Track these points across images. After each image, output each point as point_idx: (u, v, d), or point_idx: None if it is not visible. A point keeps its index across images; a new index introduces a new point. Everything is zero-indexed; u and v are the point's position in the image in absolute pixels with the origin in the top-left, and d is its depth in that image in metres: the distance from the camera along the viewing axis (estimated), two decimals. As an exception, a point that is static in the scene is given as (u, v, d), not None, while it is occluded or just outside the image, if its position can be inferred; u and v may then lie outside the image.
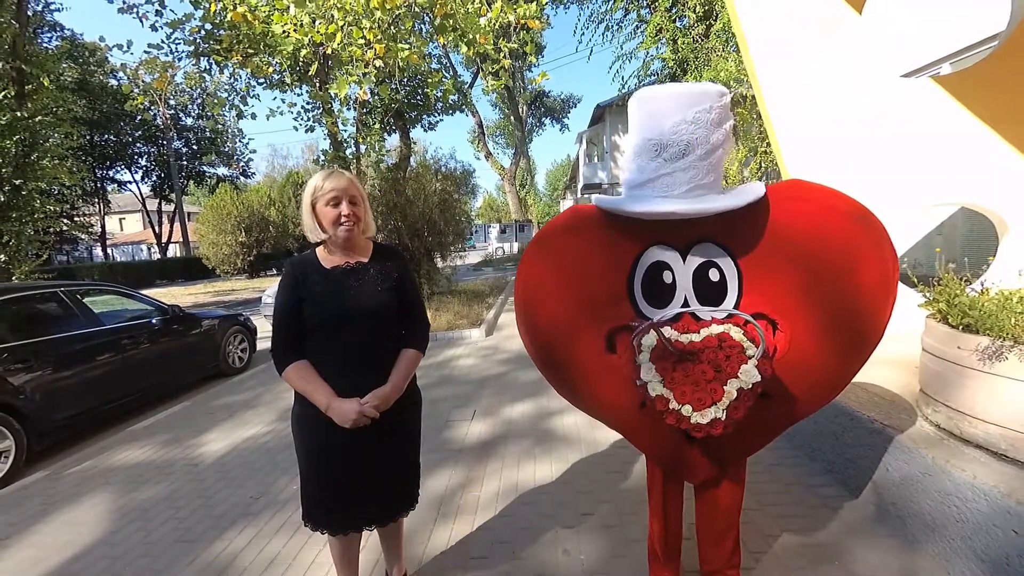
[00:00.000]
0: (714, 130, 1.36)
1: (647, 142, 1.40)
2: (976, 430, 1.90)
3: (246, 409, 4.34)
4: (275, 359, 1.53)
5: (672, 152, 1.37)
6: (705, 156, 1.37)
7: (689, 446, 1.49)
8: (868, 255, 1.35)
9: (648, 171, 1.42)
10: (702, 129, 1.34)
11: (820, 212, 1.40)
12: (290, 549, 2.24)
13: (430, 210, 8.56)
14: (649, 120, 1.40)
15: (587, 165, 24.13)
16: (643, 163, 1.42)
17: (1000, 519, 1.62)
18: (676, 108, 1.35)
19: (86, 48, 22.35)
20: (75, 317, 4.12)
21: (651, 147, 1.39)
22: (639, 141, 1.43)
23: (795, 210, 1.41)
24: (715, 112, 1.35)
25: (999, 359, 1.77)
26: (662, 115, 1.37)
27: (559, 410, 3.66)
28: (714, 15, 9.68)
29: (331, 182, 1.51)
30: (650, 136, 1.39)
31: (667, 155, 1.37)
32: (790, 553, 1.98)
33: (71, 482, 3.13)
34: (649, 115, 1.41)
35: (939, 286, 2.10)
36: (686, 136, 1.34)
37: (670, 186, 1.40)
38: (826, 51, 3.77)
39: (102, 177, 27.96)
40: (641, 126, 1.43)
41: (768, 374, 1.29)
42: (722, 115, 1.37)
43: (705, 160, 1.37)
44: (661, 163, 1.39)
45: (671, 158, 1.37)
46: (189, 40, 7.24)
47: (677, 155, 1.36)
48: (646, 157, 1.41)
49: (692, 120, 1.34)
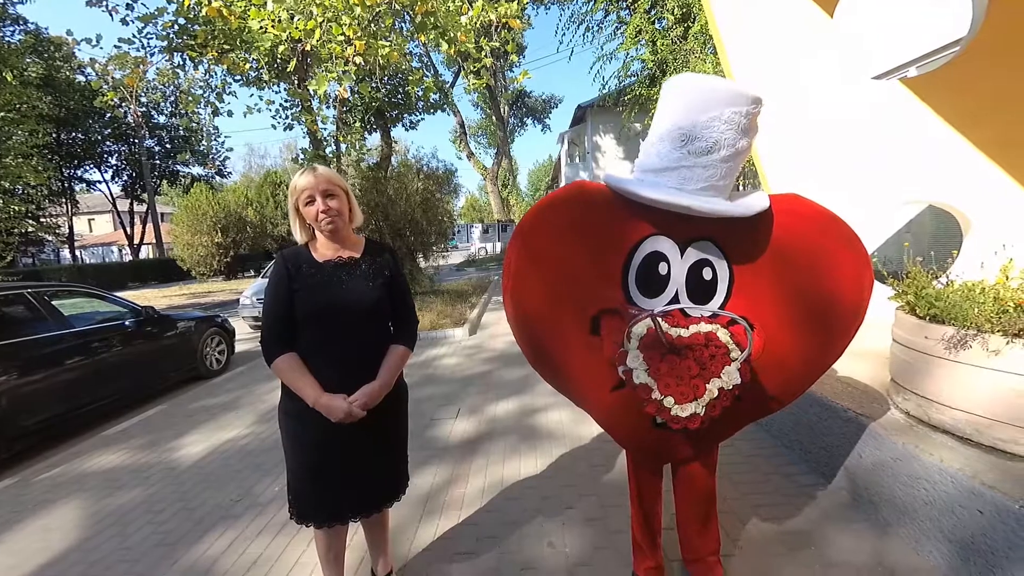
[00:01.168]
0: (742, 136, 1.34)
1: (677, 130, 1.35)
2: (943, 416, 1.98)
3: (225, 411, 4.25)
4: (264, 350, 1.52)
5: (699, 146, 1.34)
6: (728, 159, 1.35)
7: (657, 432, 1.53)
8: (850, 275, 1.43)
9: (669, 160, 1.38)
10: (732, 131, 1.32)
11: (813, 228, 1.45)
12: (273, 550, 2.21)
13: (412, 210, 8.52)
14: (684, 109, 1.36)
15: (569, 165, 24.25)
16: (666, 150, 1.39)
17: (965, 500, 1.69)
18: (714, 102, 1.32)
19: (52, 42, 21.55)
20: (43, 319, 3.97)
21: (679, 136, 1.35)
22: (668, 127, 1.38)
23: (789, 224, 1.46)
24: (748, 118, 1.33)
25: (963, 347, 1.85)
26: (698, 106, 1.33)
27: (543, 407, 3.68)
28: (692, 17, 9.83)
29: (303, 180, 1.50)
30: (681, 125, 1.34)
31: (693, 148, 1.34)
32: (769, 540, 2.04)
33: (42, 488, 3.03)
34: (685, 104, 1.36)
35: (908, 279, 2.19)
36: (716, 134, 1.32)
37: (687, 180, 1.37)
38: (801, 53, 3.88)
39: (70, 176, 27.02)
40: (674, 113, 1.37)
41: (747, 379, 1.34)
42: (751, 124, 1.35)
43: (727, 163, 1.36)
44: (684, 155, 1.35)
45: (696, 152, 1.34)
46: (162, 35, 7.03)
47: (703, 150, 1.34)
48: (670, 145, 1.37)
49: (726, 119, 1.31)
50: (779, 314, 1.47)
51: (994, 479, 1.66)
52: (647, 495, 1.74)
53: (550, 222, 1.47)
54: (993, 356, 1.76)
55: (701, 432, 1.44)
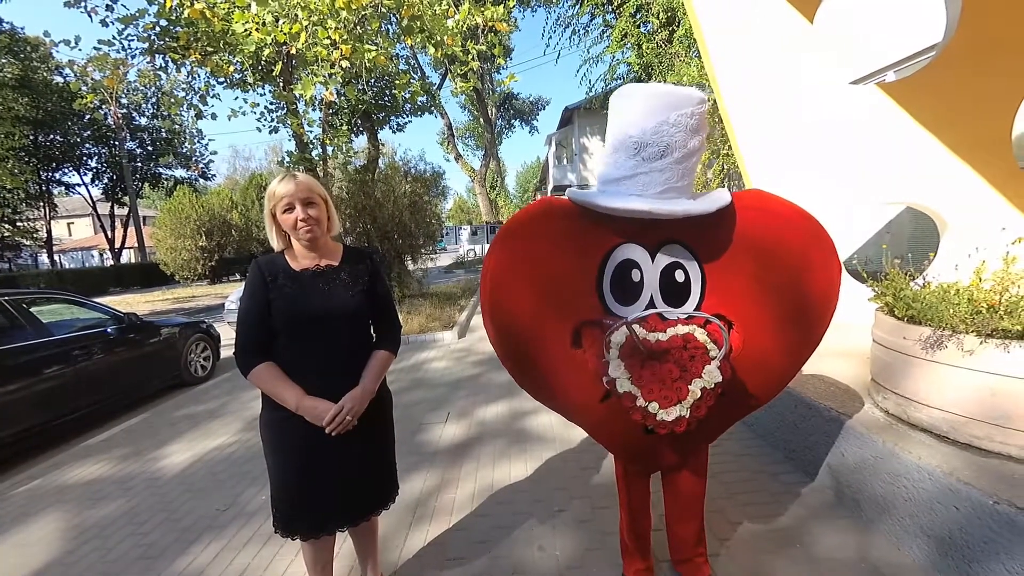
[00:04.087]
0: (692, 136, 1.38)
1: (628, 139, 1.40)
2: (921, 415, 2.03)
3: (211, 419, 4.18)
4: (239, 361, 1.49)
5: (651, 152, 1.38)
6: (681, 160, 1.39)
7: (648, 438, 1.53)
8: (818, 265, 1.45)
9: (625, 168, 1.43)
10: (681, 133, 1.36)
11: (779, 223, 1.48)
12: (260, 561, 2.18)
13: (400, 212, 8.47)
14: (631, 118, 1.40)
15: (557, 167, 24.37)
16: (621, 160, 1.43)
17: (943, 496, 1.74)
18: (659, 108, 1.36)
19: (28, 43, 21.02)
20: (20, 327, 3.87)
21: (631, 145, 1.39)
22: (620, 138, 1.42)
23: (756, 220, 1.48)
24: (695, 118, 1.37)
25: (940, 347, 1.90)
26: (644, 114, 1.37)
27: (533, 410, 3.69)
28: (677, 21, 9.96)
29: (282, 187, 1.48)
30: (631, 134, 1.39)
31: (646, 154, 1.38)
32: (756, 538, 2.07)
33: (19, 502, 2.95)
34: (631, 113, 1.40)
35: (886, 280, 2.24)
36: (666, 138, 1.36)
37: (646, 185, 1.41)
38: (782, 58, 3.95)
39: (48, 179, 26.31)
40: (622, 123, 1.42)
41: (728, 375, 1.36)
42: (700, 122, 1.39)
43: (681, 164, 1.40)
44: (639, 162, 1.40)
45: (649, 158, 1.38)
46: (143, 36, 6.91)
47: (655, 155, 1.38)
48: (624, 154, 1.42)
49: (673, 123, 1.35)
50: (754, 309, 1.48)
51: (970, 476, 1.70)
52: (636, 499, 1.75)
53: (520, 245, 1.50)
54: (968, 356, 1.81)
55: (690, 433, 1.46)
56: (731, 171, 9.35)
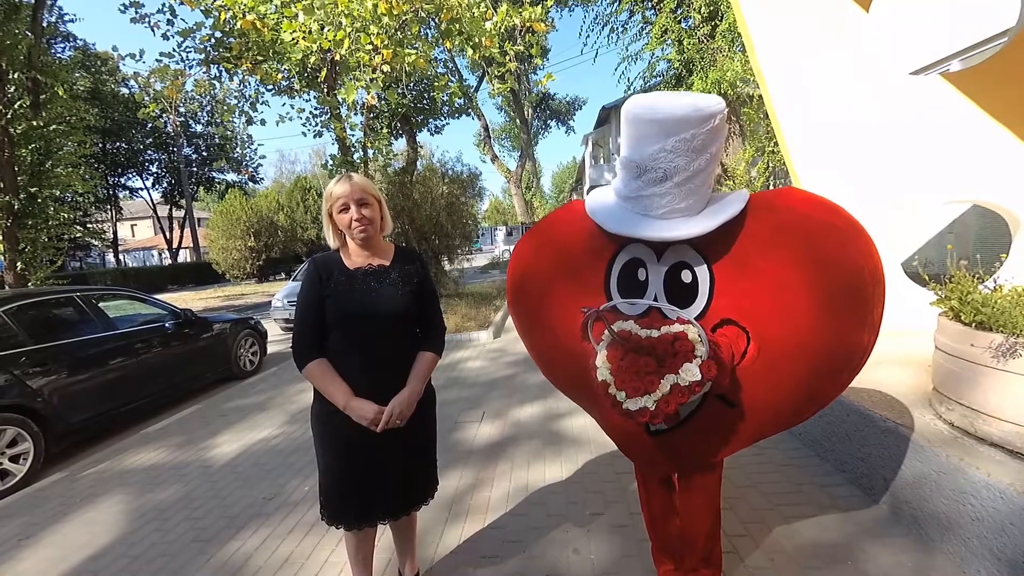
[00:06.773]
0: (695, 157, 1.31)
1: (630, 162, 1.39)
2: (991, 428, 1.88)
3: (258, 412, 4.38)
4: (296, 355, 1.56)
5: (651, 177, 1.35)
6: (684, 183, 1.34)
7: (649, 439, 1.52)
8: (839, 269, 1.30)
9: (630, 189, 1.43)
10: (681, 158, 1.30)
11: (795, 220, 1.37)
12: (303, 549, 2.27)
13: (437, 213, 8.62)
14: (632, 142, 1.38)
15: (593, 167, 24.13)
16: (627, 180, 1.43)
17: (1017, 518, 1.60)
18: (657, 134, 1.30)
19: (99, 57, 22.69)
20: (90, 321, 4.19)
21: (633, 167, 1.38)
22: (625, 159, 1.41)
23: (770, 219, 1.39)
24: (698, 139, 1.28)
25: (1013, 356, 1.75)
26: (643, 140, 1.34)
27: (568, 412, 3.66)
28: (719, 15, 9.65)
29: (339, 188, 1.54)
30: (632, 158, 1.38)
31: (646, 179, 1.36)
32: (803, 553, 1.97)
33: (88, 483, 3.19)
34: (632, 137, 1.38)
35: (951, 283, 2.09)
36: (664, 164, 1.32)
37: (649, 208, 1.41)
38: (833, 50, 3.75)
39: (114, 184, 28.34)
40: (626, 145, 1.41)
41: (722, 380, 1.31)
42: (706, 140, 1.30)
43: (683, 186, 1.35)
44: (641, 184, 1.38)
45: (649, 182, 1.36)
46: (200, 48, 7.34)
47: (656, 180, 1.35)
48: (628, 175, 1.41)
49: (671, 149, 1.29)
50: (765, 313, 1.37)
51: (1048, 496, 1.56)
52: (656, 502, 1.76)
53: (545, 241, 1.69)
54: (1046, 366, 1.66)
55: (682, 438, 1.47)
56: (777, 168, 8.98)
